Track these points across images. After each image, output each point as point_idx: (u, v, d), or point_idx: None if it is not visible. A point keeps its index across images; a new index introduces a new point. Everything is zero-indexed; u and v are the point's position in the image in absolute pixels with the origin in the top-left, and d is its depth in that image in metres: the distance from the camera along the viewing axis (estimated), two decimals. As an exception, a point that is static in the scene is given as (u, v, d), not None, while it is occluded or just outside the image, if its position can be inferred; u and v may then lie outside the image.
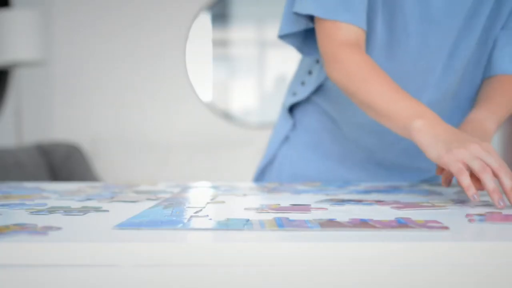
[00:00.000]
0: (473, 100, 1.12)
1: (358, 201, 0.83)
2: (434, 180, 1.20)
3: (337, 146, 1.19)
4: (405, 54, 1.04)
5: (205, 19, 3.78)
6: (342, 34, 0.97)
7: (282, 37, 1.08)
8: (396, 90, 0.93)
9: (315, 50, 1.09)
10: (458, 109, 1.12)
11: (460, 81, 1.08)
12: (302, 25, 1.05)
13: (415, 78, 1.06)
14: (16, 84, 3.15)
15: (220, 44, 3.90)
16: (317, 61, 1.16)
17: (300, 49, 1.11)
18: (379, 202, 0.82)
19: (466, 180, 0.78)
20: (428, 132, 0.85)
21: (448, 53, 1.05)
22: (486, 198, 0.88)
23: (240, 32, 3.91)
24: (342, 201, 0.83)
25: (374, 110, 0.95)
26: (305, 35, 1.10)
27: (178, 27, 3.68)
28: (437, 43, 1.03)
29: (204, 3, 3.69)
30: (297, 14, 1.03)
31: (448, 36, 1.03)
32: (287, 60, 3.44)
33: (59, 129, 3.65)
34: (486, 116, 1.01)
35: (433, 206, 0.78)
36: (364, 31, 0.99)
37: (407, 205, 0.78)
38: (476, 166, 0.78)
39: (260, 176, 1.27)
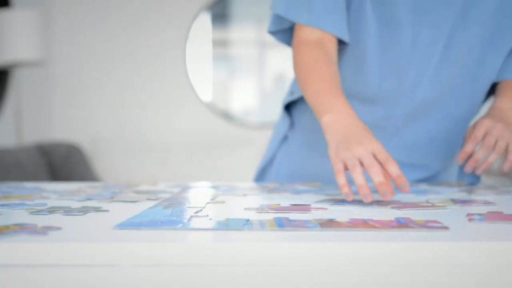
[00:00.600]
0: (473, 98, 1.12)
1: (358, 201, 0.83)
2: (432, 179, 1.20)
3: None
4: (399, 46, 1.05)
5: (205, 19, 3.78)
6: (303, 33, 1.04)
7: (272, 33, 1.14)
8: (323, 85, 0.97)
9: None
10: (456, 105, 1.12)
11: (459, 75, 1.09)
12: (287, 23, 1.10)
13: (411, 70, 1.06)
14: (16, 84, 3.15)
15: (220, 44, 3.90)
16: None
17: (290, 44, 1.14)
18: (379, 202, 0.82)
19: (341, 180, 0.82)
20: (330, 129, 0.89)
21: (443, 44, 1.05)
22: (486, 198, 0.88)
23: (240, 32, 3.91)
24: (342, 201, 0.83)
25: (308, 101, 0.99)
26: (291, 32, 1.12)
27: (178, 27, 3.68)
28: (431, 34, 1.04)
29: (204, 3, 3.69)
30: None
31: (442, 27, 1.04)
32: (287, 60, 3.44)
33: (59, 129, 3.65)
34: (509, 105, 1.07)
35: (433, 206, 0.78)
36: (328, 33, 1.03)
37: (406, 205, 0.78)
38: (350, 166, 0.82)
39: (260, 176, 1.28)
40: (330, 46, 1.03)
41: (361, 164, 0.82)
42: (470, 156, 1.04)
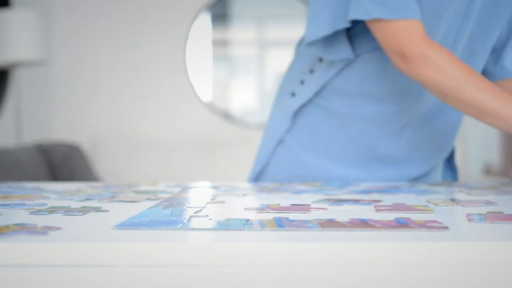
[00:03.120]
0: None
1: (356, 201, 0.83)
2: (430, 175, 1.21)
3: (335, 145, 1.18)
4: None
5: (205, 19, 3.78)
6: (415, 31, 0.98)
7: (311, 44, 1.09)
8: (500, 94, 0.96)
9: (339, 52, 1.09)
10: None
11: None
12: (329, 29, 1.04)
13: None
14: (16, 84, 3.15)
15: (220, 44, 3.90)
16: (320, 60, 1.15)
17: (324, 52, 1.10)
18: (375, 201, 0.82)
19: None
20: None
21: (453, 38, 1.08)
22: (486, 198, 0.88)
23: (240, 32, 3.91)
24: (340, 201, 0.83)
25: (480, 112, 0.96)
26: (325, 38, 1.09)
27: (178, 27, 3.68)
28: (446, 31, 1.06)
29: (204, 3, 3.69)
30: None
31: (454, 22, 1.06)
32: (287, 60, 3.44)
33: (59, 129, 3.65)
34: None
35: (423, 210, 0.75)
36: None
37: (396, 207, 0.76)
38: None
39: (255, 181, 1.25)
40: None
41: None
42: None
